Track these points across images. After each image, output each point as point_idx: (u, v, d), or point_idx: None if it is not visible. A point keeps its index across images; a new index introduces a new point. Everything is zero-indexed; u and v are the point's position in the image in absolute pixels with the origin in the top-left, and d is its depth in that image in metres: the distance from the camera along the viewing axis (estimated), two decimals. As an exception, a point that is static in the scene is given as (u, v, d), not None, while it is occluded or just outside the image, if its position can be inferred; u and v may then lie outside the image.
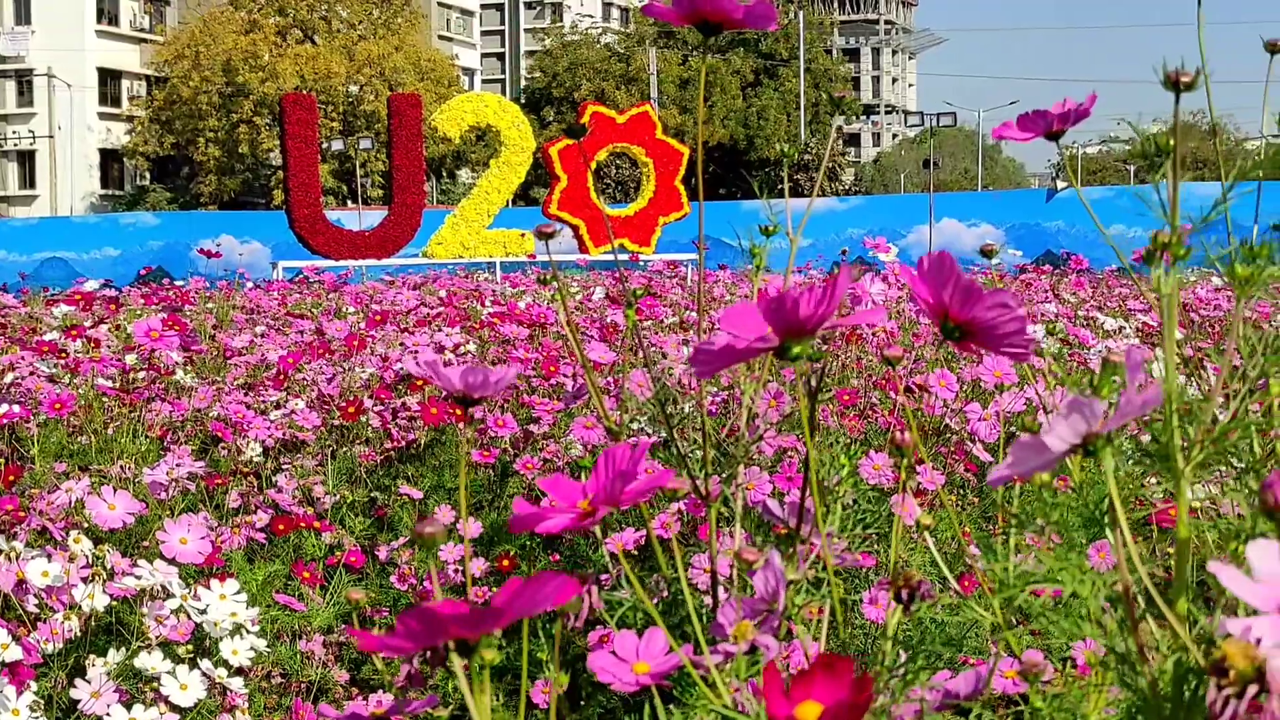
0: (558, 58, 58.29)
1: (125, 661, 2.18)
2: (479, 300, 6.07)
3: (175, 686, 2.14)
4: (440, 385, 1.07)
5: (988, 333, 0.94)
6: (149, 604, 2.29)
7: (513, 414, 3.46)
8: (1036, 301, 5.85)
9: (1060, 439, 0.76)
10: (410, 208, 21.67)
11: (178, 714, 2.12)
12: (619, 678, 1.06)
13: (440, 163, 52.07)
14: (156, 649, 2.21)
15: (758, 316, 0.94)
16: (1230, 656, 0.67)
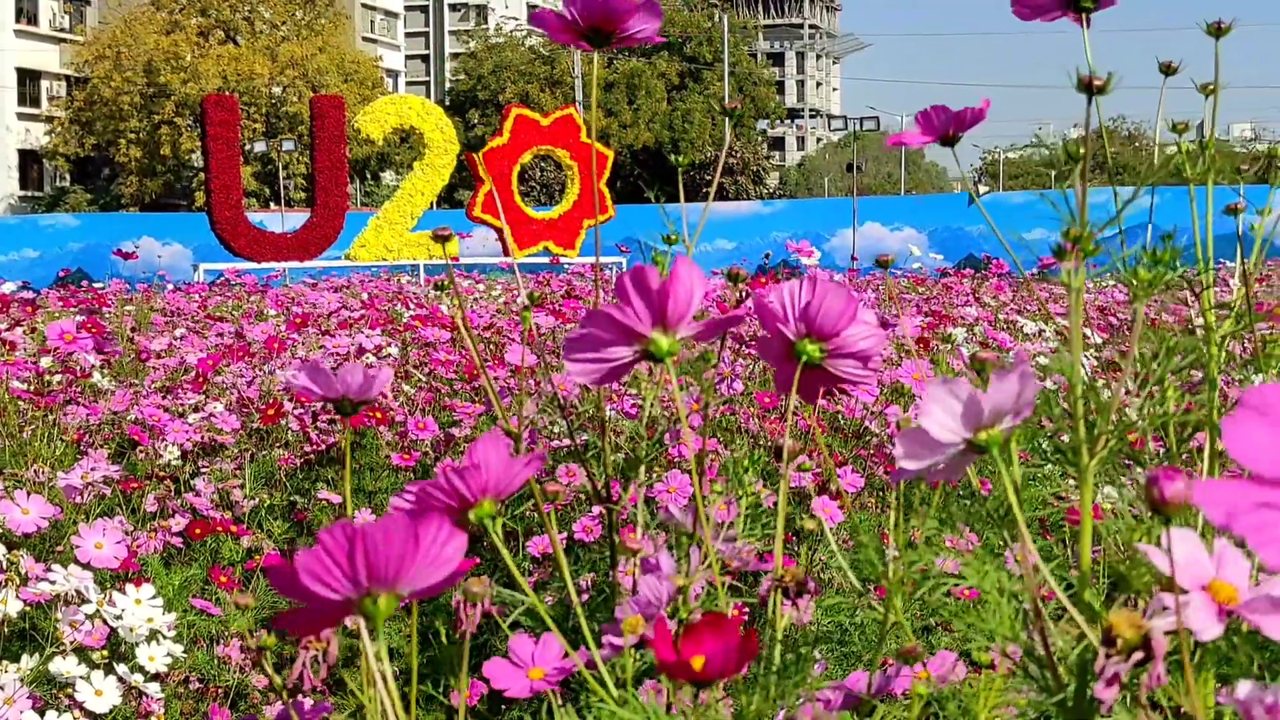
0: (482, 60, 58.21)
1: (39, 667, 2.16)
2: (401, 303, 6.05)
3: (90, 692, 2.12)
4: (324, 396, 1.06)
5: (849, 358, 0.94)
6: (64, 609, 2.27)
7: (434, 417, 3.44)
8: (957, 305, 5.89)
9: (940, 425, 0.77)
10: (333, 210, 21.56)
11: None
12: (514, 683, 1.06)
13: (364, 165, 51.83)
14: (71, 654, 2.18)
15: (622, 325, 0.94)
16: (1117, 626, 0.70)
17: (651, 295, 0.93)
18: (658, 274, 0.91)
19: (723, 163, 1.66)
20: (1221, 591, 0.77)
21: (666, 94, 56.97)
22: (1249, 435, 0.60)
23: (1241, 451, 0.60)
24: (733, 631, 0.79)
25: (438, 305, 5.34)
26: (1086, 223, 0.90)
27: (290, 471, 3.43)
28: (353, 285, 8.42)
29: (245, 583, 2.92)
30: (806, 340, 0.99)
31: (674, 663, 0.81)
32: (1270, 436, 0.60)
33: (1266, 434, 0.60)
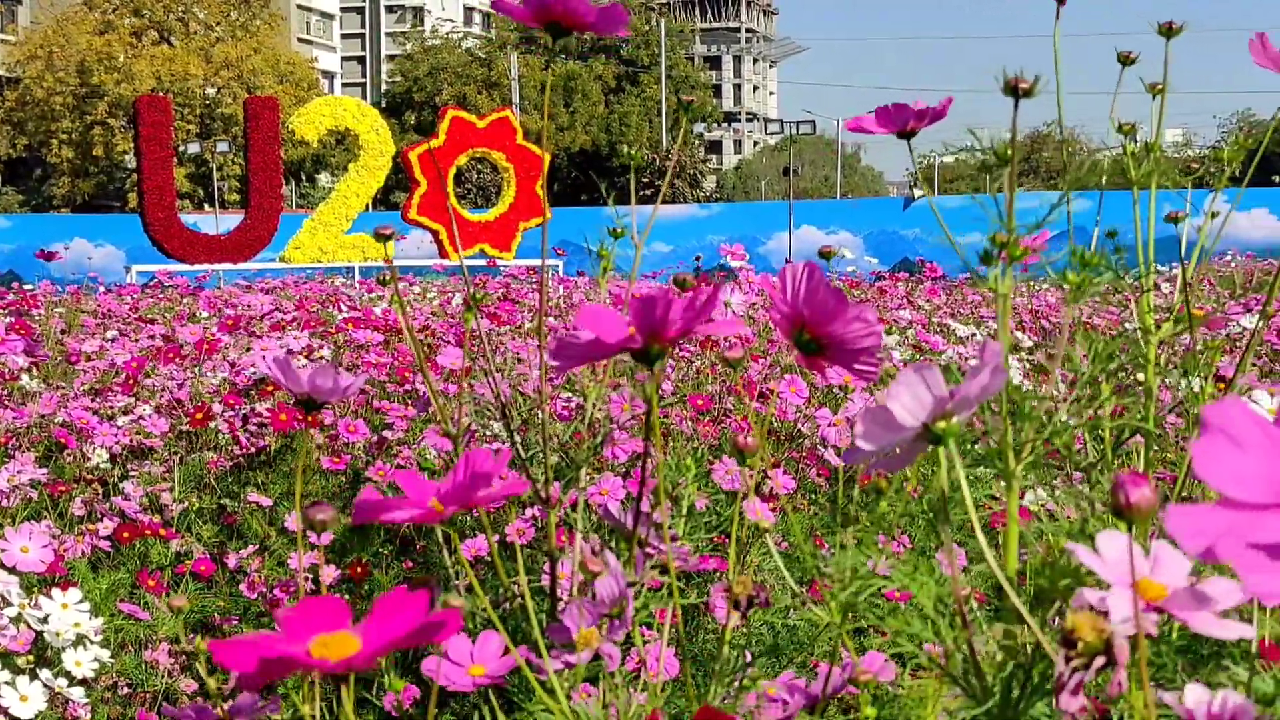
0: (419, 62, 58.03)
1: (-39, 673, 2.13)
2: (335, 305, 6.02)
3: (15, 698, 2.09)
4: (288, 388, 1.06)
5: (842, 348, 0.94)
6: (-13, 614, 2.24)
7: (365, 420, 3.43)
8: (891, 309, 5.92)
9: (905, 409, 0.77)
10: (267, 211, 21.43)
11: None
12: (454, 680, 1.05)
13: (299, 166, 51.57)
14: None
15: (616, 318, 0.94)
16: (1079, 629, 0.69)
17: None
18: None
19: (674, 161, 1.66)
20: (1150, 590, 0.76)
21: (603, 96, 56.99)
22: (1218, 457, 0.59)
23: (1212, 474, 0.59)
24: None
25: (370, 308, 5.32)
26: (1014, 228, 0.90)
27: (220, 475, 3.40)
28: (286, 287, 8.37)
29: (174, 586, 2.89)
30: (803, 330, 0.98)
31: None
32: (1235, 458, 0.59)
33: (1235, 455, 0.59)
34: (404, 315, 1.22)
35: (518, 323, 4.69)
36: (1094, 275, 0.90)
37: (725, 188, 65.60)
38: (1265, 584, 0.55)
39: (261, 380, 3.65)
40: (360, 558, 2.98)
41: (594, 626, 1.01)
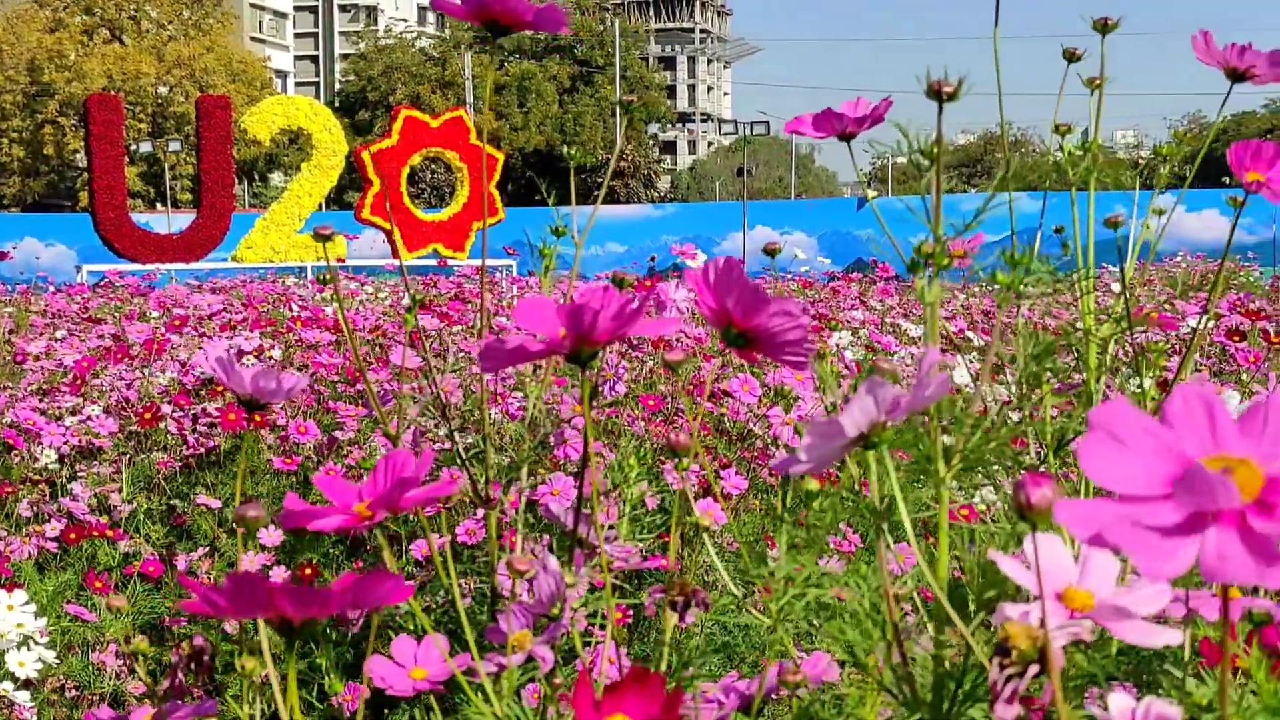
0: (372, 61, 57.87)
1: (-95, 676, 2.11)
2: (286, 305, 5.99)
3: (-42, 701, 2.07)
4: (231, 388, 1.05)
5: (770, 340, 0.94)
6: (-69, 616, 2.22)
7: (316, 420, 3.41)
8: (844, 309, 5.92)
9: (854, 423, 0.77)
10: (219, 211, 21.33)
11: (-41, 729, 2.06)
12: (396, 684, 1.04)
13: (252, 166, 51.35)
14: (-61, 662, 2.14)
15: (551, 312, 0.93)
16: (1013, 637, 0.69)
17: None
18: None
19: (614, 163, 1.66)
20: (1076, 599, 0.77)
21: (558, 97, 56.96)
22: (1101, 456, 0.61)
23: (1096, 473, 0.60)
24: (658, 690, 0.76)
25: (321, 308, 5.29)
26: (942, 232, 0.90)
27: (169, 475, 3.38)
28: (236, 287, 8.33)
29: (122, 588, 2.87)
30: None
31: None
32: (1121, 455, 0.61)
33: (1116, 453, 0.61)
34: (343, 315, 1.21)
35: (469, 322, 4.67)
36: (1023, 275, 0.90)
37: (680, 188, 65.65)
38: (1151, 564, 0.57)
39: (211, 380, 3.63)
40: (311, 559, 2.97)
41: (527, 629, 1.00)
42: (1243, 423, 0.62)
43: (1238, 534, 0.57)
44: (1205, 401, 0.62)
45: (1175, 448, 0.61)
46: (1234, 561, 0.56)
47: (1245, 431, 0.62)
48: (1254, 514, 0.58)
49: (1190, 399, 0.63)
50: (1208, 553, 0.57)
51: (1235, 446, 0.61)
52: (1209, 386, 2.20)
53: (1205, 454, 0.61)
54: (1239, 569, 0.56)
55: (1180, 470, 0.60)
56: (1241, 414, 0.62)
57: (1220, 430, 0.62)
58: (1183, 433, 0.62)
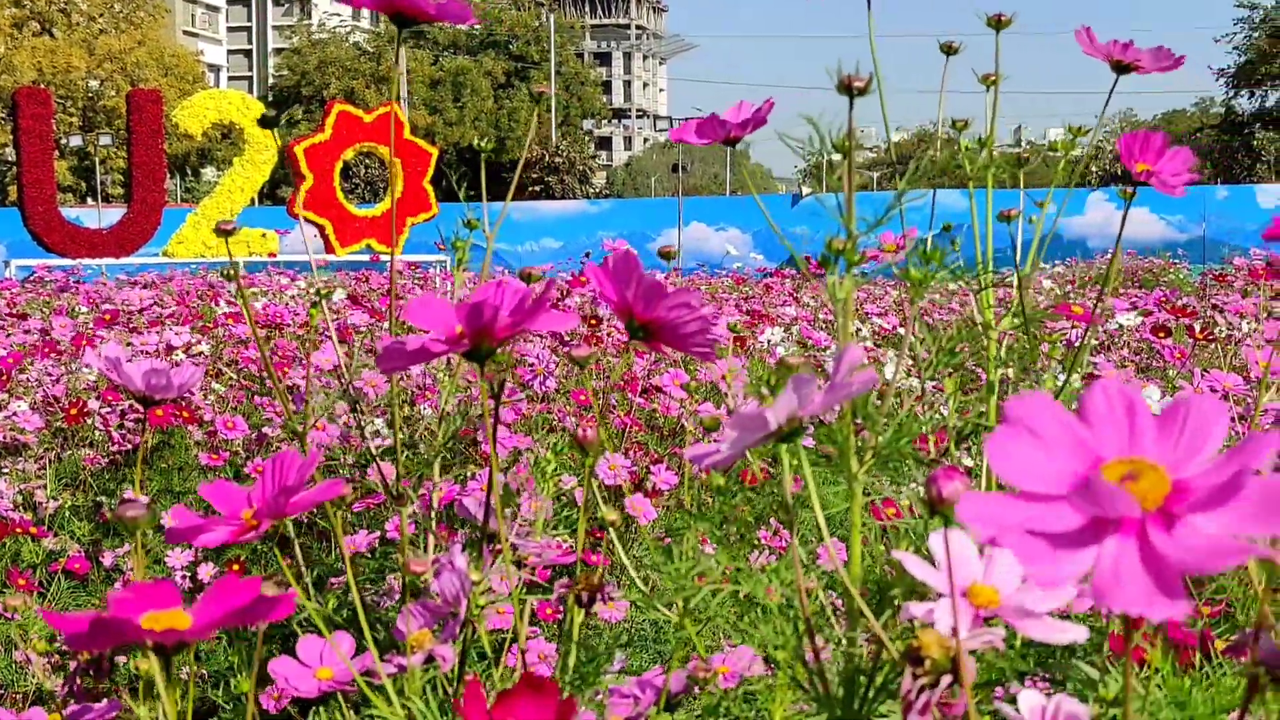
0: (306, 55, 57.54)
1: None
2: (215, 300, 5.95)
3: (-123, 701, 2.05)
4: (122, 385, 1.04)
5: (672, 332, 0.94)
6: None
7: (245, 416, 3.38)
8: (777, 305, 5.94)
9: (776, 416, 0.77)
10: (150, 206, 21.16)
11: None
12: (300, 685, 1.04)
13: (184, 160, 50.96)
14: None
15: (447, 310, 0.93)
16: (926, 647, 0.68)
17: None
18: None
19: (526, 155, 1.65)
20: (981, 595, 0.76)
21: (493, 92, 56.82)
22: (1012, 450, 0.59)
23: (1004, 467, 0.59)
24: (551, 697, 0.75)
25: (250, 303, 5.26)
26: (854, 227, 0.90)
27: (95, 472, 3.35)
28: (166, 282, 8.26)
29: (46, 586, 2.84)
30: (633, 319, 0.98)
31: None
32: (1033, 450, 0.59)
33: (1029, 447, 0.59)
34: (248, 310, 1.20)
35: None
36: (934, 272, 0.90)
37: (616, 184, 65.63)
38: (1043, 572, 0.56)
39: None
40: (239, 555, 2.95)
41: (427, 628, 1.00)
42: (1161, 424, 0.61)
43: (1137, 548, 0.56)
44: (1127, 399, 0.61)
45: (1091, 446, 0.60)
46: (1127, 582, 0.55)
47: (1162, 433, 0.60)
48: (1155, 525, 0.56)
49: (1112, 395, 0.61)
50: (1102, 568, 0.56)
51: (1151, 448, 0.60)
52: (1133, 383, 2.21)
53: (1120, 454, 0.60)
54: (1129, 593, 0.54)
55: (1091, 470, 0.59)
56: (1161, 414, 0.61)
57: (1139, 430, 0.60)
58: (1100, 431, 0.60)
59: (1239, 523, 0.55)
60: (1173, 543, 0.55)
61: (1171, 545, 0.55)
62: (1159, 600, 0.54)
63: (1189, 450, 0.59)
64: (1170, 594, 0.54)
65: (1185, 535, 0.55)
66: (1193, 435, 0.59)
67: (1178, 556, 0.54)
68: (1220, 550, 0.54)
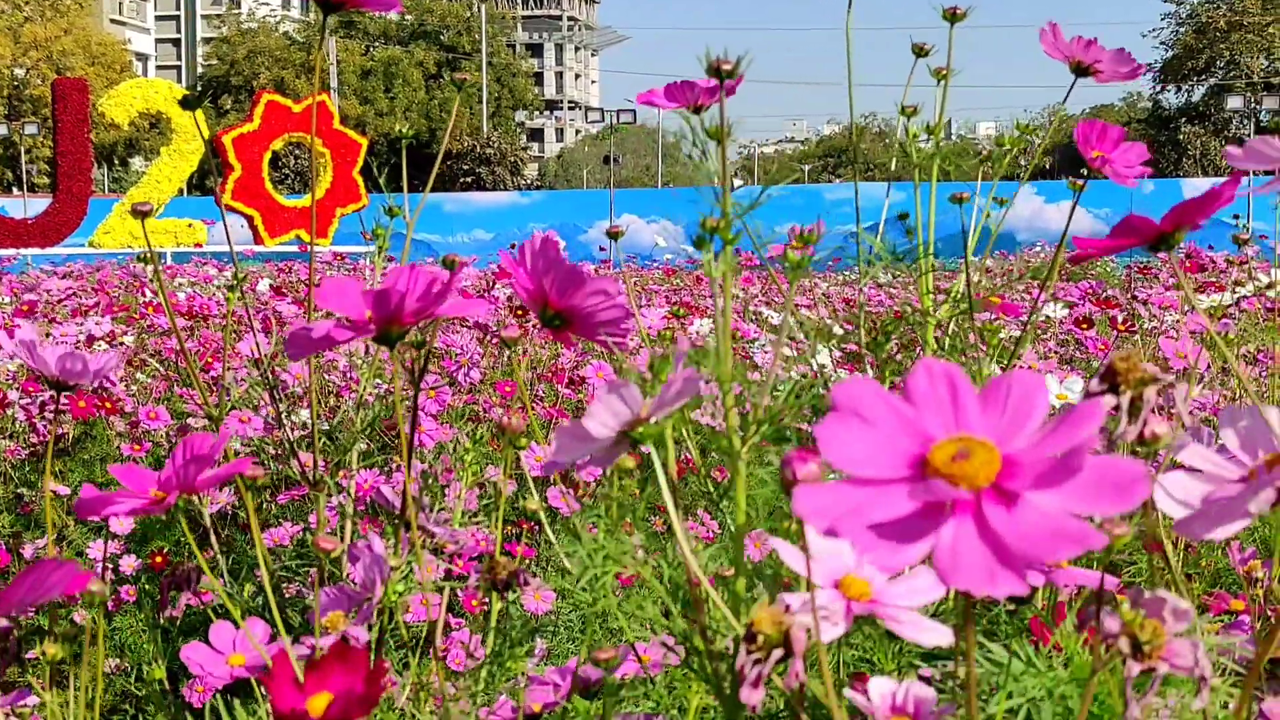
0: (236, 45, 57.16)
1: None
2: (139, 290, 5.89)
3: None
4: (36, 370, 1.02)
5: (586, 320, 0.94)
6: None
7: (168, 406, 3.36)
8: (706, 296, 5.94)
9: (601, 424, 0.76)
10: (76, 196, 20.97)
11: None
12: (212, 671, 1.03)
13: (111, 150, 50.51)
14: None
15: (356, 294, 0.92)
16: (758, 623, 0.69)
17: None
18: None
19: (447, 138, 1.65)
20: (853, 587, 0.76)
21: (424, 83, 56.64)
22: (842, 437, 0.58)
23: (836, 454, 0.58)
24: (361, 665, 0.74)
25: (174, 293, 5.22)
26: (729, 211, 0.90)
27: (17, 463, 3.31)
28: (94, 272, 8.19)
29: (-36, 579, 2.81)
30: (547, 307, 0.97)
31: (289, 713, 0.75)
32: (863, 436, 0.59)
33: (859, 433, 0.59)
34: (165, 297, 1.19)
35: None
36: (809, 257, 0.91)
37: (547, 176, 65.57)
38: (881, 558, 0.55)
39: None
40: (161, 547, 2.92)
41: (340, 611, 0.99)
42: (984, 400, 0.60)
43: (974, 527, 0.56)
44: (949, 377, 0.61)
45: (919, 427, 0.60)
46: (967, 561, 0.54)
47: (987, 409, 0.60)
48: (991, 502, 0.56)
49: (934, 374, 0.61)
50: (941, 549, 0.55)
51: (977, 425, 0.60)
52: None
53: (948, 433, 0.59)
54: (970, 571, 0.54)
55: (922, 450, 0.58)
56: (983, 390, 0.61)
57: (964, 408, 0.60)
58: (926, 411, 0.60)
59: (1076, 501, 0.55)
60: (1011, 524, 0.55)
61: (1009, 528, 0.55)
62: (1001, 576, 0.54)
63: (1014, 425, 0.59)
64: (1013, 569, 0.54)
65: (1024, 514, 0.55)
66: (1016, 410, 0.59)
67: (1016, 543, 0.54)
68: (1060, 534, 0.54)
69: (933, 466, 0.57)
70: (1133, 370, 0.72)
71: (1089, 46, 1.32)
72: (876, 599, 0.75)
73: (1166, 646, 0.70)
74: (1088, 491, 0.55)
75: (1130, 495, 0.54)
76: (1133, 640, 0.69)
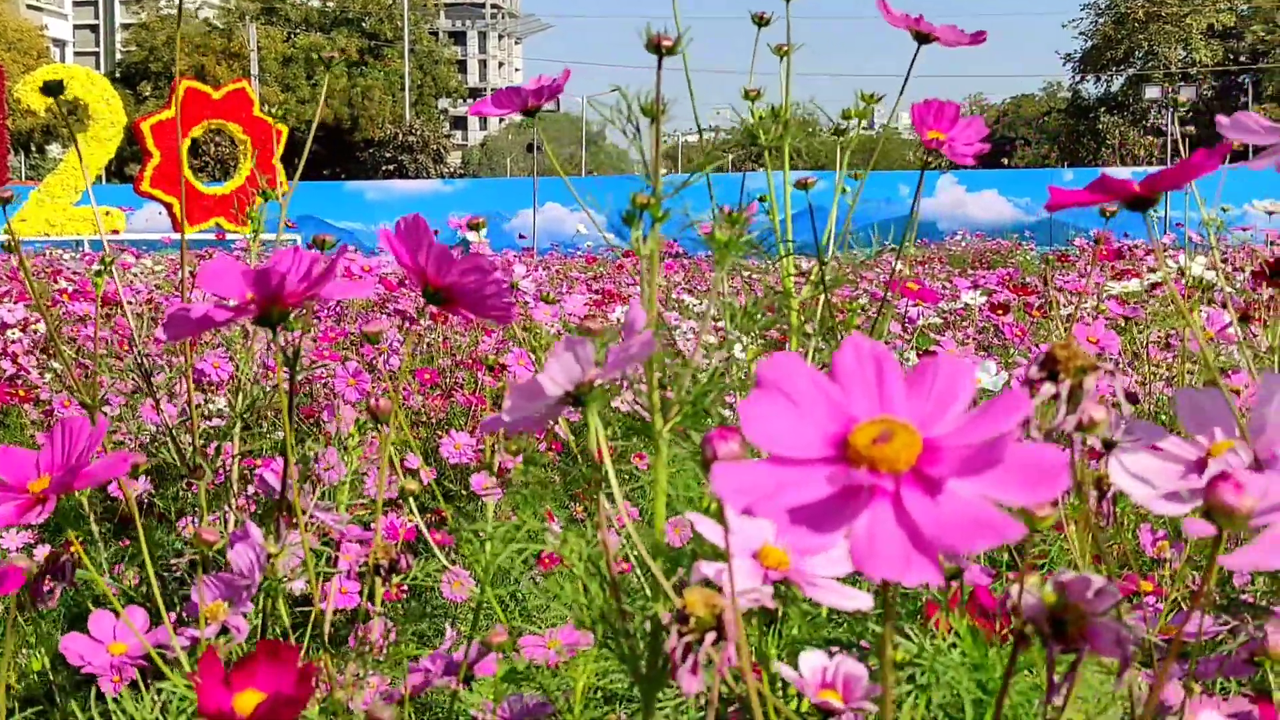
0: (155, 31, 56.57)
1: None
2: (54, 278, 5.83)
3: None
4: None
5: (468, 297, 0.94)
6: None
7: (82, 395, 3.32)
8: (627, 284, 5.95)
9: (553, 380, 0.76)
10: (-8, 183, 20.73)
11: None
12: (93, 660, 1.02)
13: (29, 137, 49.90)
14: None
15: (237, 275, 0.91)
16: (690, 605, 0.68)
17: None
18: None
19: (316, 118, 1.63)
20: (771, 556, 0.75)
21: (346, 70, 56.27)
22: (765, 414, 0.58)
23: (758, 431, 0.57)
24: (291, 663, 0.73)
25: (86, 280, 5.16)
26: (659, 187, 0.90)
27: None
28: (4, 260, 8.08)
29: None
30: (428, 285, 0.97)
31: (215, 712, 0.73)
32: (787, 413, 0.58)
33: (784, 410, 0.58)
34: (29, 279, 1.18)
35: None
36: (741, 234, 0.91)
37: (470, 164, 65.36)
38: (799, 540, 0.55)
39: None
40: (76, 536, 2.89)
41: (220, 600, 0.98)
42: (910, 382, 0.60)
43: (892, 512, 0.55)
44: (875, 356, 0.60)
45: (843, 407, 0.59)
46: (882, 548, 0.54)
47: (912, 392, 0.60)
48: (910, 486, 0.55)
49: (861, 353, 0.60)
50: (857, 534, 0.55)
51: (902, 407, 0.59)
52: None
53: (872, 415, 0.59)
54: (884, 558, 0.53)
55: (845, 431, 0.57)
56: (910, 372, 0.60)
57: (889, 389, 0.60)
58: (851, 391, 0.60)
59: (997, 489, 0.54)
60: (929, 512, 0.54)
61: (927, 515, 0.54)
62: (916, 563, 0.53)
63: (938, 409, 0.58)
64: (928, 557, 0.53)
65: (943, 502, 0.55)
66: (941, 393, 0.59)
67: (934, 531, 0.54)
68: (980, 523, 0.53)
69: (854, 448, 0.57)
70: (1073, 358, 0.72)
71: (919, 20, 1.33)
72: (794, 568, 0.75)
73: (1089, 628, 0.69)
74: (1009, 480, 0.54)
75: (1051, 485, 0.54)
76: (1054, 621, 0.69)
